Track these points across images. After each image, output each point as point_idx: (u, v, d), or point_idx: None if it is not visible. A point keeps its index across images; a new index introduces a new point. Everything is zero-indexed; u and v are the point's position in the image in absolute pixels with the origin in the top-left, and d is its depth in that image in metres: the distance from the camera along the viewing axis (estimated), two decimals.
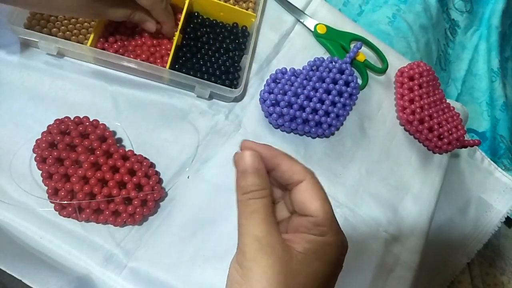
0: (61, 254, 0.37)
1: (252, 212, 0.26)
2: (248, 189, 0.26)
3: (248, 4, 0.50)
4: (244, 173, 0.27)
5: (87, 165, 0.37)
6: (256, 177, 0.26)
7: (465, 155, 0.63)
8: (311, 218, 0.26)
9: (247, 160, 0.27)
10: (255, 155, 0.27)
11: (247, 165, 0.27)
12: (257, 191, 0.26)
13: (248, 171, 0.27)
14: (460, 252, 0.63)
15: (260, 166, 0.27)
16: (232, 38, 0.48)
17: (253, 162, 0.27)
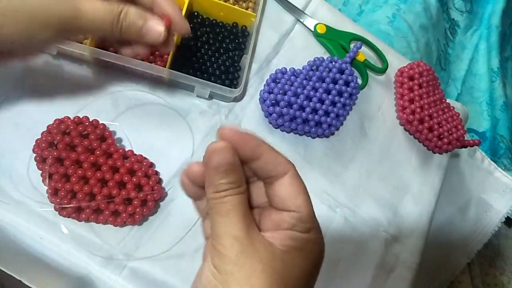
0: (61, 254, 0.37)
1: (229, 211, 0.23)
2: (222, 187, 0.24)
3: (248, 4, 0.50)
4: (217, 169, 0.24)
5: (87, 165, 0.37)
6: (231, 174, 0.24)
7: (465, 155, 0.62)
8: (295, 214, 0.24)
9: (221, 156, 0.24)
10: (230, 149, 0.24)
11: (221, 161, 0.24)
12: (234, 189, 0.24)
13: (222, 168, 0.24)
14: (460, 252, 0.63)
15: (234, 160, 0.24)
16: (232, 38, 0.48)
17: (228, 157, 0.24)
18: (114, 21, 0.28)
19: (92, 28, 0.28)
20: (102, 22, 0.28)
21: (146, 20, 0.30)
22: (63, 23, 0.27)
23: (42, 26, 0.26)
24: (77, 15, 0.27)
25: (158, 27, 0.31)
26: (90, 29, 0.28)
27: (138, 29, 0.30)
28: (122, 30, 0.29)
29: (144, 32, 0.30)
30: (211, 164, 0.24)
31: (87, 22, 0.27)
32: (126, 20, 0.29)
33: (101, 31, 0.28)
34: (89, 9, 0.27)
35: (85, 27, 0.27)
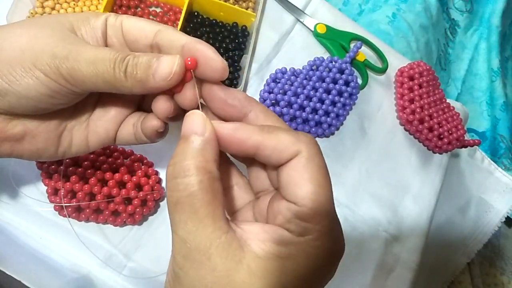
0: (61, 254, 0.37)
1: (178, 203, 0.19)
2: (174, 158, 0.19)
3: (248, 4, 0.50)
4: (181, 139, 0.20)
5: (86, 165, 0.37)
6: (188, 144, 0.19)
7: (465, 155, 0.62)
8: (293, 206, 0.19)
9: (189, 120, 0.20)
10: (200, 114, 0.20)
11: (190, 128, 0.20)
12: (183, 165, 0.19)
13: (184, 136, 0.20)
14: (460, 252, 0.63)
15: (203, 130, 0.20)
16: (232, 37, 0.48)
17: (197, 124, 0.20)
18: (117, 61, 0.22)
19: (91, 71, 0.21)
20: (102, 63, 0.21)
21: (158, 58, 0.22)
22: (56, 63, 0.21)
23: (31, 67, 0.21)
24: (73, 53, 0.22)
25: (169, 61, 0.22)
26: (88, 72, 0.21)
27: (146, 68, 0.22)
28: (127, 73, 0.22)
29: (154, 71, 0.22)
30: (182, 133, 0.20)
31: (85, 63, 0.21)
32: (133, 60, 0.22)
33: (101, 75, 0.22)
34: (89, 49, 0.22)
35: (83, 69, 0.21)
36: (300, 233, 0.19)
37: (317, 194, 0.19)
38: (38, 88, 0.22)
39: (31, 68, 0.22)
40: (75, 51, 0.22)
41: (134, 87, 0.22)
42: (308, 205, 0.19)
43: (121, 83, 0.22)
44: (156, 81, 0.22)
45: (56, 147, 0.26)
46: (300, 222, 0.19)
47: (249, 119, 0.23)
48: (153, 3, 0.48)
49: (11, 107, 0.23)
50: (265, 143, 0.20)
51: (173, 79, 0.22)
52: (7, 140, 0.24)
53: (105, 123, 0.27)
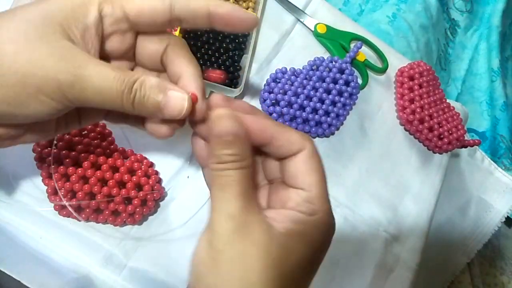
0: (60, 254, 0.37)
1: (227, 185, 0.22)
2: (224, 158, 0.22)
3: (248, 4, 0.50)
4: (220, 139, 0.22)
5: (86, 165, 0.37)
6: (235, 145, 0.22)
7: (465, 155, 0.62)
8: (302, 192, 0.23)
9: (225, 123, 0.22)
10: (235, 117, 0.23)
11: (225, 130, 0.22)
12: (236, 162, 0.22)
13: (224, 137, 0.22)
14: (460, 252, 0.63)
15: (240, 131, 0.22)
16: (232, 37, 0.48)
17: (232, 126, 0.22)
18: (125, 92, 0.22)
19: (98, 98, 0.22)
20: (109, 92, 0.22)
21: (166, 91, 0.23)
22: (61, 89, 0.21)
23: (36, 92, 0.21)
24: (79, 81, 0.21)
25: (180, 101, 0.23)
26: (95, 100, 0.22)
27: (155, 104, 0.23)
28: (134, 104, 0.22)
29: (162, 107, 0.23)
30: (214, 132, 0.22)
31: (91, 91, 0.22)
32: (141, 91, 0.22)
33: (108, 103, 0.22)
34: (95, 75, 0.22)
35: (90, 97, 0.22)
36: (310, 213, 0.23)
37: (320, 182, 0.24)
38: (46, 110, 0.22)
39: (37, 94, 0.21)
40: (80, 77, 0.21)
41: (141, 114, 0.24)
42: (314, 190, 0.23)
43: (129, 110, 0.23)
44: (164, 116, 0.23)
45: (55, 131, 0.27)
46: (309, 204, 0.23)
47: None
48: None
49: (17, 122, 0.24)
50: (279, 135, 0.24)
51: (183, 117, 0.24)
52: (8, 139, 0.25)
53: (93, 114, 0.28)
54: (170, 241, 0.40)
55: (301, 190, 0.23)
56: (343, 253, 0.46)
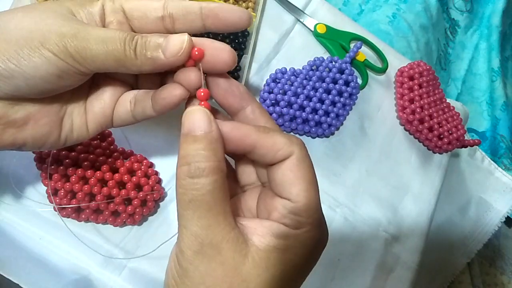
0: (60, 254, 0.37)
1: (191, 201, 0.19)
2: (190, 159, 0.20)
3: (248, 4, 0.50)
4: (187, 136, 0.20)
5: (86, 165, 0.37)
6: (202, 142, 0.20)
7: (465, 155, 0.62)
8: (288, 203, 0.21)
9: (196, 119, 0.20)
10: (205, 113, 0.21)
11: (193, 125, 0.20)
12: (200, 165, 0.19)
13: (193, 134, 0.20)
14: (460, 252, 0.63)
15: (211, 129, 0.20)
16: (232, 37, 0.48)
17: (202, 121, 0.20)
18: (127, 39, 0.22)
19: (100, 48, 0.22)
20: (112, 41, 0.22)
21: (165, 36, 0.23)
22: (64, 42, 0.21)
23: (39, 45, 0.21)
24: (81, 31, 0.22)
25: (179, 39, 0.22)
26: (98, 50, 0.22)
27: (156, 46, 0.22)
28: (137, 52, 0.22)
29: (163, 48, 0.22)
30: (183, 130, 0.20)
31: (94, 40, 0.22)
32: (142, 38, 0.22)
33: (111, 53, 0.22)
34: (97, 29, 0.22)
35: (93, 48, 0.22)
36: (295, 226, 0.21)
37: (309, 191, 0.21)
38: (47, 68, 0.22)
39: (39, 47, 0.21)
40: (83, 30, 0.22)
41: (144, 64, 0.23)
42: (301, 201, 0.21)
43: (131, 61, 0.22)
44: (167, 58, 0.22)
45: (59, 132, 0.26)
46: (295, 216, 0.21)
47: (246, 112, 0.24)
48: None
49: (17, 90, 0.23)
50: (262, 142, 0.22)
51: (183, 54, 0.22)
52: (10, 126, 0.24)
53: (101, 103, 0.27)
54: (170, 242, 0.40)
55: (287, 201, 0.21)
56: (343, 253, 0.46)
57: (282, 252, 0.20)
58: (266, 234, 0.21)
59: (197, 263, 0.20)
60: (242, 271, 0.20)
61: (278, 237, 0.21)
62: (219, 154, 0.20)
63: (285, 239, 0.21)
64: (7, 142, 0.24)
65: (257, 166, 0.25)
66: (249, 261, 0.20)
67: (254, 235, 0.21)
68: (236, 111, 0.24)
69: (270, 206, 0.22)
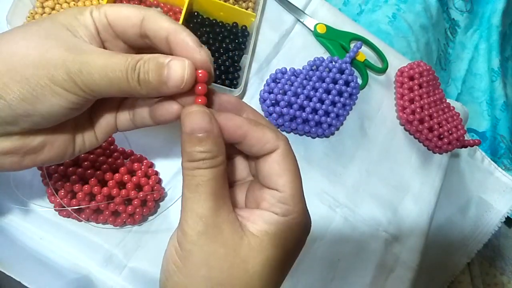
0: (61, 254, 0.37)
1: (198, 185, 0.21)
2: (195, 156, 0.21)
3: (248, 4, 0.50)
4: (191, 136, 0.22)
5: (86, 165, 0.37)
6: (207, 142, 0.22)
7: (465, 155, 0.62)
8: (276, 193, 0.23)
9: (197, 119, 0.22)
10: (206, 113, 0.22)
11: (196, 125, 0.22)
12: (207, 160, 0.22)
13: (196, 133, 0.22)
14: (460, 252, 0.63)
15: (212, 127, 0.22)
16: (232, 37, 0.48)
17: (204, 122, 0.22)
18: (129, 69, 0.22)
19: (105, 81, 0.22)
20: (115, 72, 0.22)
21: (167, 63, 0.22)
22: (71, 77, 0.22)
23: (49, 83, 0.22)
24: (85, 65, 0.22)
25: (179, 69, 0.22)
26: (103, 82, 0.22)
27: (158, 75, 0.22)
28: (140, 80, 0.22)
29: (166, 79, 0.22)
30: (185, 128, 0.22)
31: (98, 73, 0.22)
32: (145, 66, 0.22)
33: (116, 83, 0.22)
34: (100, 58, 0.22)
35: (98, 80, 0.22)
36: (283, 214, 0.23)
37: (294, 182, 0.23)
38: (60, 103, 0.22)
39: (49, 85, 0.22)
40: (86, 63, 0.22)
41: (149, 93, 0.23)
42: (288, 191, 0.23)
43: (136, 90, 0.23)
44: (169, 88, 0.23)
45: (73, 148, 0.27)
46: (282, 205, 0.23)
47: None
48: (153, 3, 0.48)
49: (34, 125, 0.23)
50: (252, 134, 0.23)
51: (185, 87, 0.23)
52: (28, 153, 0.25)
53: (104, 115, 0.28)
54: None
55: (274, 191, 0.23)
56: (343, 253, 0.46)
57: (273, 237, 0.22)
58: (258, 221, 0.23)
59: (201, 243, 0.21)
60: (240, 252, 0.21)
61: (269, 223, 0.22)
62: (222, 147, 0.22)
63: (275, 225, 0.23)
64: (27, 166, 0.25)
65: (250, 160, 0.27)
66: (245, 244, 0.22)
67: (247, 222, 0.22)
68: None
69: (259, 197, 0.24)
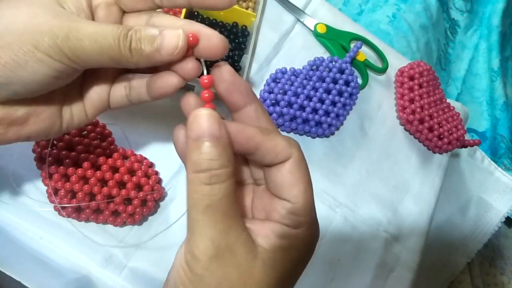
0: (60, 254, 0.37)
1: (209, 207, 0.19)
2: (202, 165, 0.19)
3: (248, 4, 0.50)
4: (197, 141, 0.20)
5: (86, 165, 0.37)
6: (215, 149, 0.19)
7: (465, 155, 0.62)
8: (287, 204, 0.22)
9: (204, 124, 0.20)
10: (216, 117, 0.20)
11: (204, 131, 0.19)
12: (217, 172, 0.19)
13: (204, 140, 0.20)
14: (460, 252, 0.63)
15: (221, 134, 0.20)
16: (232, 37, 0.48)
17: (213, 126, 0.20)
18: (121, 36, 0.21)
19: (95, 47, 0.21)
20: (105, 39, 0.21)
21: (160, 30, 0.22)
22: (57, 43, 0.21)
23: (32, 49, 0.21)
24: (73, 31, 0.21)
25: (175, 36, 0.22)
26: (92, 49, 0.21)
27: (151, 43, 0.22)
28: (132, 48, 0.22)
29: (159, 45, 0.22)
30: (191, 134, 0.20)
31: (87, 40, 0.21)
32: (136, 34, 0.22)
33: (106, 52, 0.21)
34: (89, 25, 0.22)
35: (87, 47, 0.21)
36: (295, 226, 0.22)
37: (306, 192, 0.22)
38: (43, 71, 0.22)
39: (33, 51, 0.21)
40: (75, 28, 0.21)
41: (140, 62, 0.22)
42: (300, 202, 0.22)
43: (126, 59, 0.22)
44: (162, 56, 0.22)
45: (60, 122, 0.26)
46: (294, 217, 0.22)
47: (247, 110, 0.24)
48: None
49: (16, 94, 0.22)
50: (265, 145, 0.22)
51: (179, 53, 0.22)
52: (12, 124, 0.24)
53: (97, 90, 0.27)
54: (170, 241, 0.40)
55: (286, 202, 0.22)
56: (343, 253, 0.46)
57: (286, 251, 0.21)
58: (270, 234, 0.21)
59: (213, 268, 0.20)
60: (254, 272, 0.20)
61: (281, 237, 0.21)
62: (232, 159, 0.20)
63: (287, 239, 0.21)
64: (12, 139, 0.25)
65: (252, 165, 0.25)
66: (259, 262, 0.20)
67: (258, 236, 0.21)
68: (239, 108, 0.24)
69: (269, 207, 0.23)
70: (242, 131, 0.21)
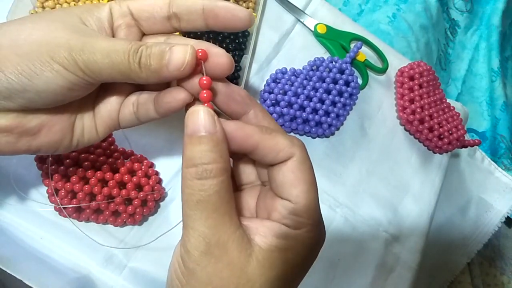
0: (61, 254, 0.37)
1: (199, 202, 0.20)
2: (195, 160, 0.20)
3: (248, 4, 0.50)
4: (192, 137, 0.20)
5: (87, 165, 0.37)
6: (207, 144, 0.20)
7: (465, 155, 0.62)
8: (288, 204, 0.21)
9: (199, 118, 0.20)
10: (210, 113, 0.20)
11: (198, 125, 0.20)
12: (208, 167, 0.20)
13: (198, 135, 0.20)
14: (460, 252, 0.63)
15: (215, 129, 0.20)
16: (232, 38, 0.48)
17: (206, 121, 0.20)
18: (131, 52, 0.22)
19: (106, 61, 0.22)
20: (116, 54, 0.22)
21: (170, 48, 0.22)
22: (72, 55, 0.22)
23: (49, 59, 0.22)
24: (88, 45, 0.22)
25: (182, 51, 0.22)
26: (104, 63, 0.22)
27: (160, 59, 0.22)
28: (141, 63, 0.22)
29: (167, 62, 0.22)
30: (186, 130, 0.21)
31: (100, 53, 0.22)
32: (147, 50, 0.22)
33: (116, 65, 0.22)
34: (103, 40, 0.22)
35: (99, 61, 0.22)
36: (295, 227, 0.21)
37: (309, 192, 0.21)
38: (58, 81, 0.22)
39: (49, 61, 0.22)
40: (89, 42, 0.22)
41: (149, 77, 0.23)
42: (301, 202, 0.21)
43: (136, 73, 0.22)
44: (170, 71, 0.22)
45: (71, 137, 0.26)
46: (295, 217, 0.21)
47: (248, 116, 0.25)
48: None
49: (30, 102, 0.23)
50: (264, 143, 0.22)
51: (186, 69, 0.22)
52: (24, 135, 0.24)
53: (107, 107, 0.27)
54: (170, 242, 0.40)
55: (287, 202, 0.22)
56: (343, 253, 0.46)
57: (284, 252, 0.21)
58: (268, 234, 0.21)
59: (204, 264, 0.20)
60: (247, 271, 0.20)
61: (279, 237, 0.21)
62: (225, 155, 0.20)
63: (286, 239, 0.21)
64: (22, 149, 0.25)
65: (257, 166, 0.26)
66: (254, 261, 0.20)
67: (256, 235, 0.21)
68: (239, 116, 0.25)
69: (270, 207, 0.22)
70: (240, 129, 0.22)
